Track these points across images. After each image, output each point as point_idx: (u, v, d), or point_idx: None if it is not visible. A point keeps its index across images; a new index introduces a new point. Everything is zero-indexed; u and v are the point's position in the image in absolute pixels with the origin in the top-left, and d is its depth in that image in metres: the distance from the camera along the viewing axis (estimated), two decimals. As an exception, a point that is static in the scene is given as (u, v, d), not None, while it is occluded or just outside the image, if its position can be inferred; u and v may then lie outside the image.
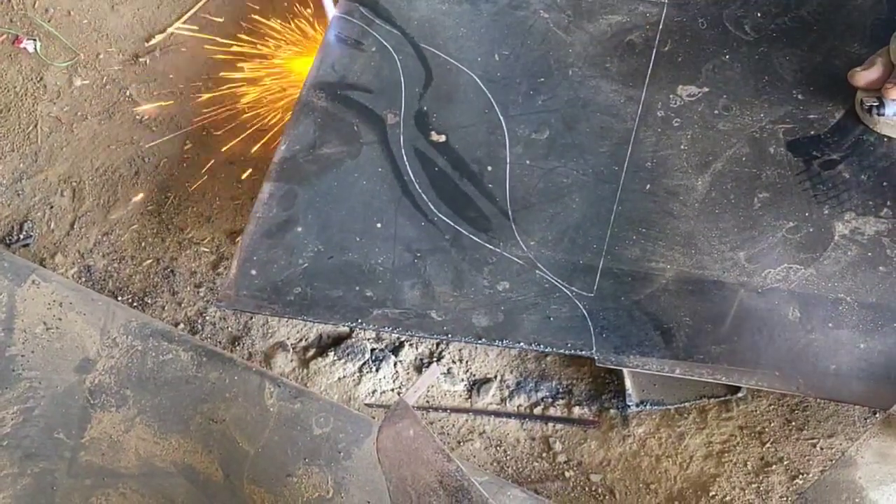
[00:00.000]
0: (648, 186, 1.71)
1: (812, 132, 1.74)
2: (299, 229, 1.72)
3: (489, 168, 1.75)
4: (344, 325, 1.75)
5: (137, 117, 2.05)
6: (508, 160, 1.76)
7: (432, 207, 1.72)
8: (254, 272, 1.68)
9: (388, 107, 1.84)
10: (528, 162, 1.76)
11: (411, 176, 1.76)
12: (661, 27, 1.90)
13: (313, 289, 1.66)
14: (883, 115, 1.67)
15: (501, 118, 1.81)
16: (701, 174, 1.71)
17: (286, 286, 1.67)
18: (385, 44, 1.92)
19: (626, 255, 1.65)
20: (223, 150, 1.97)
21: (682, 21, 1.91)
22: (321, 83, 1.88)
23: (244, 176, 1.95)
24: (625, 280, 1.62)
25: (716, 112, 1.78)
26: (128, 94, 2.09)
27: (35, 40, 2.17)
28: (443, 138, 1.80)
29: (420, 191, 1.74)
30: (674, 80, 1.83)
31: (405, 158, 1.78)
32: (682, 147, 1.75)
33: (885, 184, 1.66)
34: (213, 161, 1.97)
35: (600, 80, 1.84)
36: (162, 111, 2.05)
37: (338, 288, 1.66)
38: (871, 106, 1.68)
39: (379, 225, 1.71)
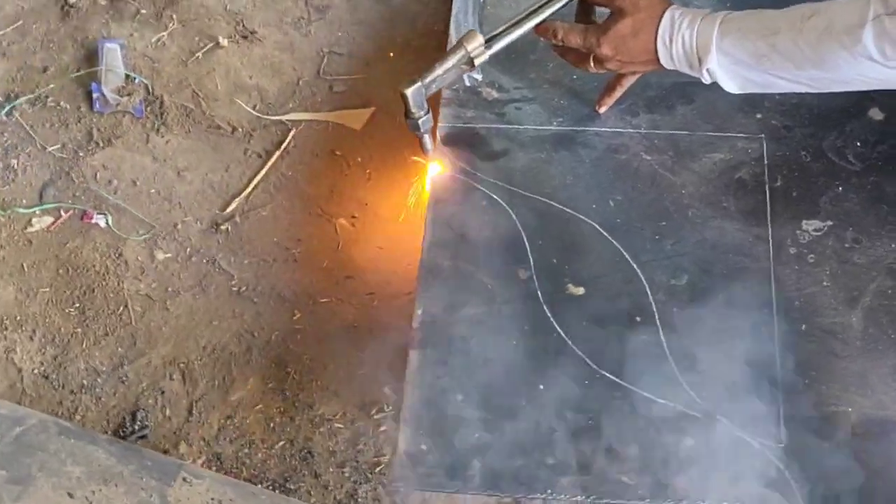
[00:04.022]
0: (804, 327, 1.71)
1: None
2: (459, 397, 1.67)
3: (638, 318, 1.73)
4: (533, 497, 1.69)
5: (234, 288, 1.97)
6: (655, 308, 1.74)
7: (592, 364, 1.69)
8: (424, 447, 1.62)
9: (515, 262, 1.81)
10: (675, 310, 1.74)
11: (561, 332, 1.72)
12: (766, 162, 1.92)
13: (491, 460, 1.61)
14: None
15: (635, 266, 1.79)
16: (852, 310, 1.72)
17: (463, 459, 1.61)
18: (495, 197, 1.90)
19: (803, 400, 1.63)
20: (334, 318, 1.91)
21: (784, 154, 1.93)
22: (440, 242, 1.84)
23: (363, 345, 1.88)
24: (811, 427, 1.61)
25: (846, 245, 1.80)
26: (217, 264, 2.01)
27: (105, 214, 2.08)
28: (581, 290, 1.77)
29: (574, 346, 1.71)
30: (795, 215, 1.85)
31: (549, 314, 1.74)
32: (825, 283, 1.75)
33: None
34: (326, 329, 1.91)
35: (722, 221, 1.85)
36: (259, 280, 1.97)
37: (516, 457, 1.61)
38: None
39: (542, 387, 1.67)
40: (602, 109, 2.00)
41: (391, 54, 2.29)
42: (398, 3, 2.36)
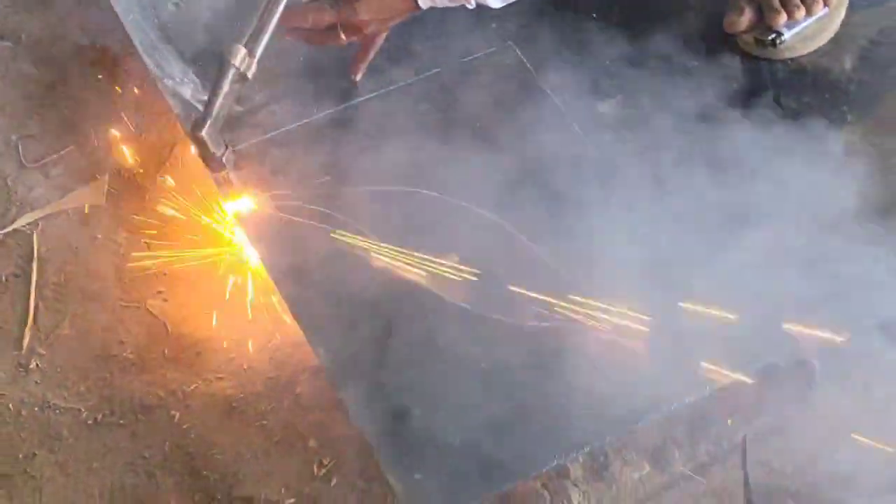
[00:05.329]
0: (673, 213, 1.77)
1: (735, 86, 1.89)
2: (418, 412, 1.59)
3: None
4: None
5: (88, 422, 1.76)
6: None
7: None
8: (418, 476, 1.54)
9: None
10: (549, 246, 1.74)
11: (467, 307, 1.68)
12: (529, 66, 1.96)
13: (489, 455, 1.55)
14: (785, 41, 1.85)
15: (490, 215, 1.78)
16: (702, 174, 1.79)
17: (462, 468, 1.54)
18: (313, 207, 1.80)
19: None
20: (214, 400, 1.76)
21: (541, 52, 1.99)
22: (290, 277, 1.73)
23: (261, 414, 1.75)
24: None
25: (647, 111, 1.88)
26: (51, 405, 1.77)
27: None
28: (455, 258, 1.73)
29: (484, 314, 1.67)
30: (587, 103, 1.91)
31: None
32: (665, 160, 1.81)
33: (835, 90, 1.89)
34: (213, 415, 1.75)
35: (529, 139, 1.86)
36: (109, 401, 1.77)
37: (528, 441, 1.57)
38: (772, 39, 1.86)
39: (483, 364, 1.63)
40: (359, 76, 1.92)
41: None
42: (58, 50, 2.13)
